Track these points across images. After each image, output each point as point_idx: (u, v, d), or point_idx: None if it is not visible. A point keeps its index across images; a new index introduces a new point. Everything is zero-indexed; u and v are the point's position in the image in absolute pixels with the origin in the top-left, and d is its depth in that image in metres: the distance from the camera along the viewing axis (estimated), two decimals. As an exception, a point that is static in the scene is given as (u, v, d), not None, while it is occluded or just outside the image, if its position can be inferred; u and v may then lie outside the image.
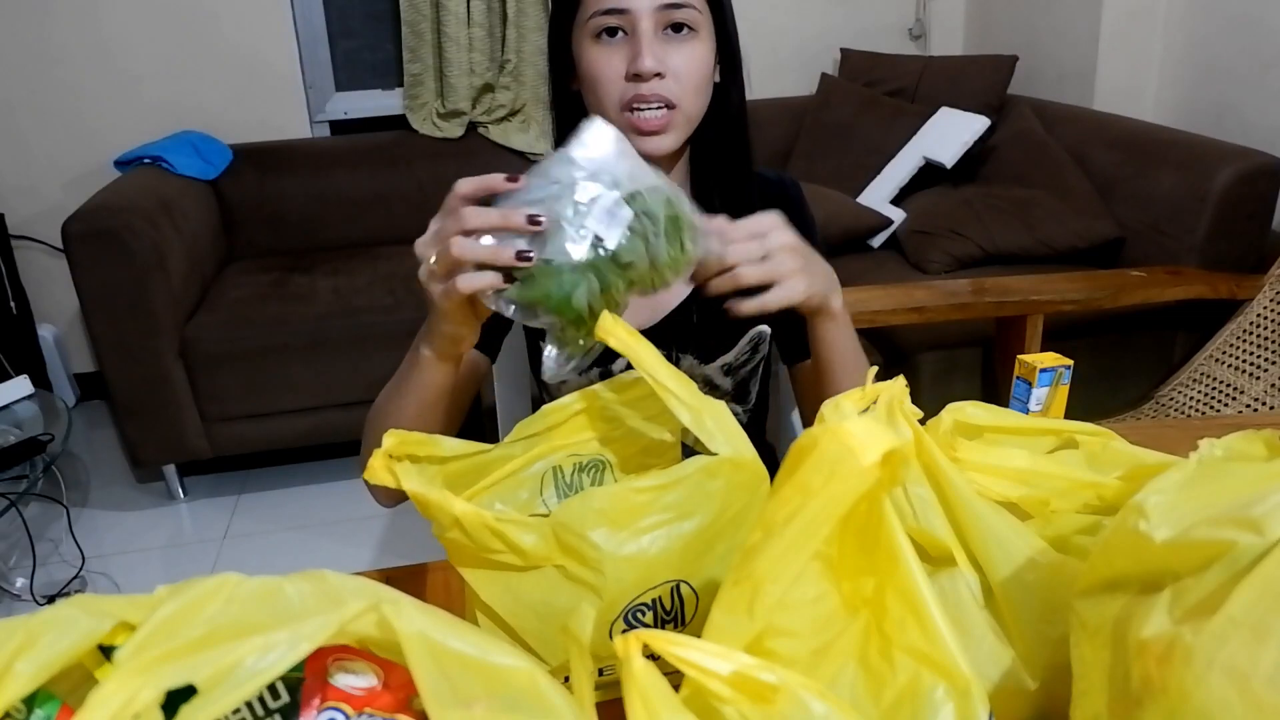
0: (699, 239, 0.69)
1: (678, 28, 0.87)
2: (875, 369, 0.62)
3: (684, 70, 0.87)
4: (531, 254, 0.64)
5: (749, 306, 0.73)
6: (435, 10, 2.73)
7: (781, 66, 3.09)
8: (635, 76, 0.86)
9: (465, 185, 0.69)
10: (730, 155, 0.97)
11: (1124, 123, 2.33)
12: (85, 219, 2.09)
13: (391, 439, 0.61)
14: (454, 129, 2.85)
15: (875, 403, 0.57)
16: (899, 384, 0.58)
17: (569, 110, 0.95)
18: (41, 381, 2.59)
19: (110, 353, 2.16)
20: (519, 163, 2.84)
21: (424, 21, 2.74)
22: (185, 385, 2.23)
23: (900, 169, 2.54)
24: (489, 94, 2.86)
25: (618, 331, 0.60)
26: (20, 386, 2.12)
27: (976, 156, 2.48)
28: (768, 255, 0.72)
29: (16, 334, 2.62)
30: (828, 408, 0.54)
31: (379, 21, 2.93)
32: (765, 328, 1.03)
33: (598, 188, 0.64)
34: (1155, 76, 2.50)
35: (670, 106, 0.87)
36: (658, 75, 0.86)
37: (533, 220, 0.63)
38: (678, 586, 0.59)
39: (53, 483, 2.21)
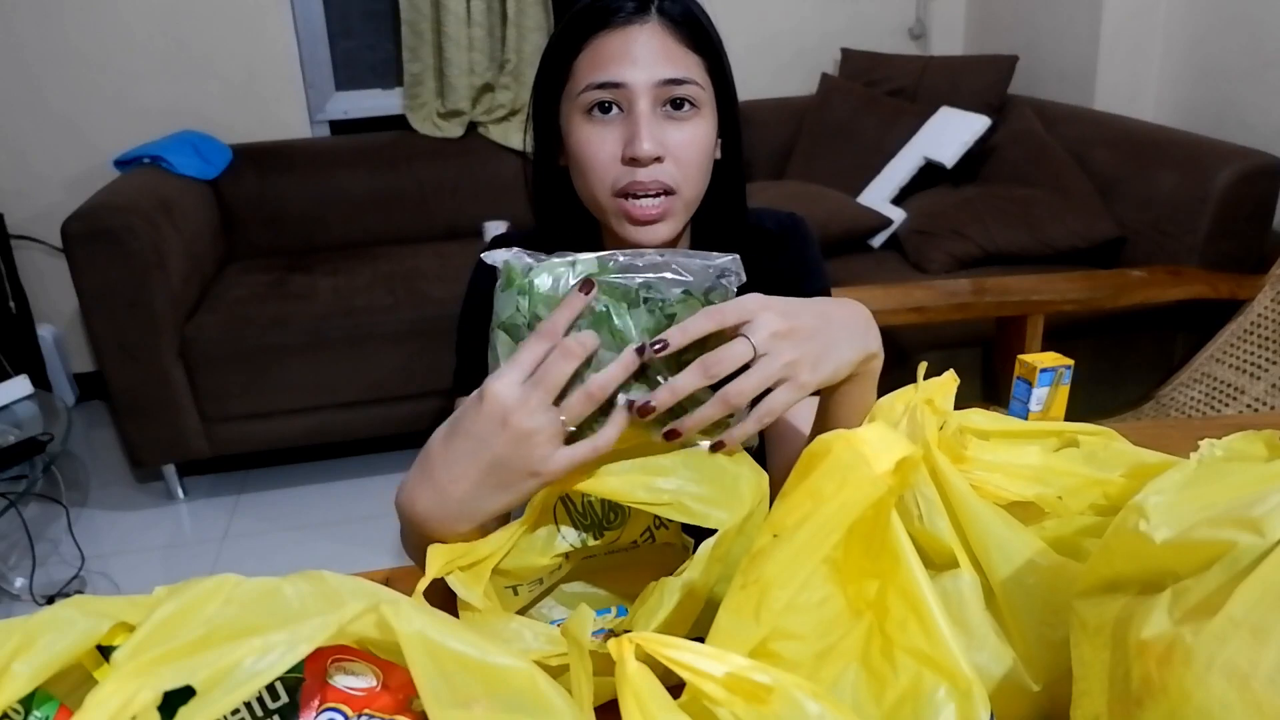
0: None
1: (678, 104, 0.78)
2: (925, 365, 0.62)
3: (685, 153, 0.79)
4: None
5: (737, 435, 0.61)
6: (435, 10, 2.73)
7: (781, 66, 3.09)
8: (632, 160, 0.77)
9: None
10: (727, 229, 0.90)
11: (1124, 123, 2.33)
12: (85, 219, 2.09)
13: (436, 561, 0.58)
14: (454, 129, 2.85)
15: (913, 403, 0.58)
16: (944, 382, 0.59)
17: (553, 190, 0.87)
18: (41, 381, 2.59)
19: (110, 353, 2.16)
20: (519, 162, 2.84)
21: (424, 21, 2.74)
22: (185, 385, 2.22)
23: (900, 169, 2.54)
24: (489, 94, 2.86)
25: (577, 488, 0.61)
26: (20, 386, 2.12)
27: (977, 156, 2.48)
28: (756, 353, 0.59)
29: (16, 334, 2.62)
30: (881, 407, 0.56)
31: (379, 21, 2.93)
32: None
33: None
34: (1155, 76, 2.50)
35: (669, 193, 0.79)
36: (656, 159, 0.77)
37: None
38: None
39: (52, 483, 2.21)
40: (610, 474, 0.60)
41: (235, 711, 0.44)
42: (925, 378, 0.60)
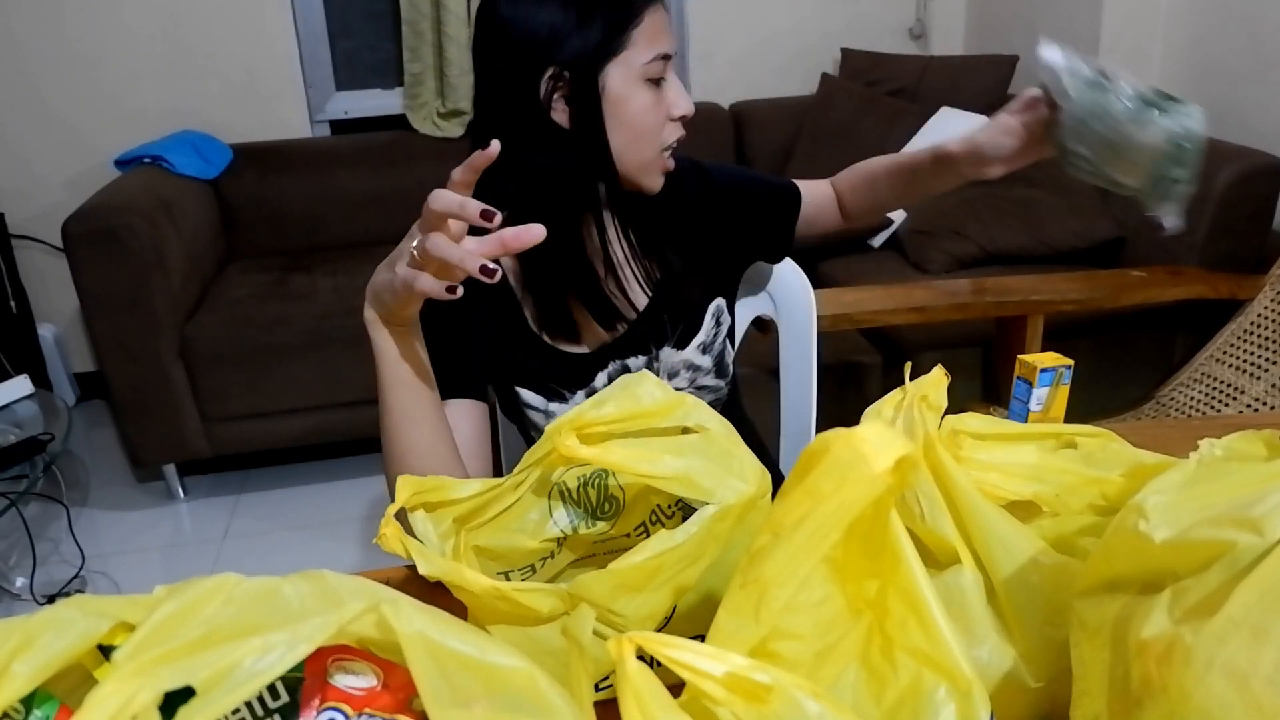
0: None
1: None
2: (910, 365, 0.63)
3: None
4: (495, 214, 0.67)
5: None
6: (435, 9, 2.73)
7: (781, 66, 3.09)
8: (681, 118, 0.91)
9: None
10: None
11: (1124, 123, 2.33)
12: (85, 219, 2.09)
13: (405, 490, 0.60)
14: (454, 128, 2.85)
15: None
16: (934, 378, 0.59)
17: (548, 147, 0.87)
18: (41, 381, 2.59)
19: (110, 352, 2.16)
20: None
21: (424, 21, 2.74)
22: (185, 385, 2.22)
23: (900, 169, 2.54)
24: (489, 94, 2.86)
25: (580, 454, 0.60)
26: (20, 386, 2.12)
27: (977, 156, 2.48)
28: None
29: (16, 334, 2.62)
30: (871, 412, 0.56)
31: (379, 21, 2.92)
32: (721, 299, 1.05)
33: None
34: (1155, 76, 2.50)
35: None
36: None
37: (486, 215, 0.66)
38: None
39: (53, 482, 2.21)
40: (619, 446, 0.60)
41: (235, 711, 0.44)
42: (912, 377, 0.61)
